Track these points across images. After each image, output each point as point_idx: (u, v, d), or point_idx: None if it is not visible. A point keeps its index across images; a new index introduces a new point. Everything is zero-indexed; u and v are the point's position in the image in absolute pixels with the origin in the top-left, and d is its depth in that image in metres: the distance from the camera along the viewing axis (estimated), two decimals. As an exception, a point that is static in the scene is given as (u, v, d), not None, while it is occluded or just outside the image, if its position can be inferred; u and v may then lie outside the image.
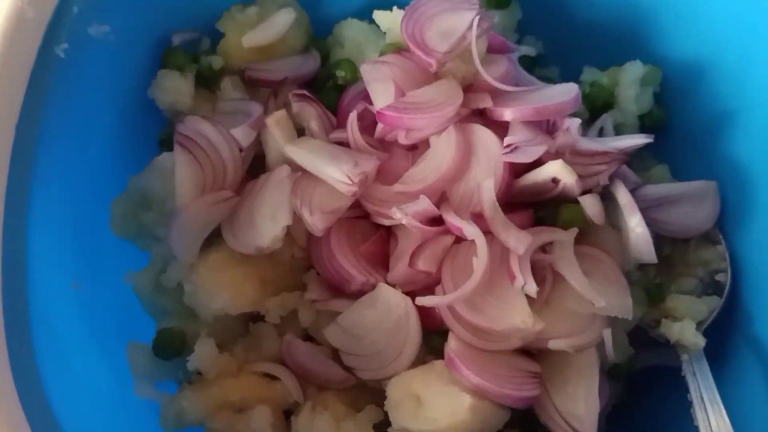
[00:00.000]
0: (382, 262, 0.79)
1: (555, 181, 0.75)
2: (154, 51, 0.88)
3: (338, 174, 0.76)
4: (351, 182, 0.75)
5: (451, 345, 0.71)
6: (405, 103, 0.77)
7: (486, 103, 0.81)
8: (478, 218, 0.75)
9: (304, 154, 0.80)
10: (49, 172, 0.70)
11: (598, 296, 0.73)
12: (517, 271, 0.73)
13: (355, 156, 0.79)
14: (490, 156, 0.77)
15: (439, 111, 0.77)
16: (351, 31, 0.95)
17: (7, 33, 0.66)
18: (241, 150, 0.81)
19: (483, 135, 0.78)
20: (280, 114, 0.83)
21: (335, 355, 0.79)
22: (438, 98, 0.79)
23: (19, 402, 0.60)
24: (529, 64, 0.95)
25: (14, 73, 0.66)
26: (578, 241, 0.77)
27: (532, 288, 0.71)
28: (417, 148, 0.81)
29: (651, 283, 0.86)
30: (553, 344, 0.72)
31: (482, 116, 0.81)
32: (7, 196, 0.64)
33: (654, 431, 0.86)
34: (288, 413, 0.79)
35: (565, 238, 0.76)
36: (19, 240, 0.65)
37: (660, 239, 0.86)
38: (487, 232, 0.74)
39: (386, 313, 0.75)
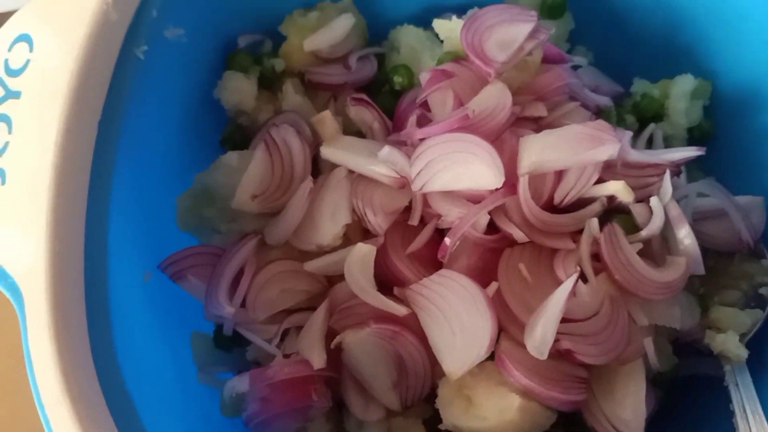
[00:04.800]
0: (434, 264, 0.81)
1: (612, 198, 0.77)
2: (221, 53, 0.92)
3: (381, 167, 0.79)
4: (397, 174, 0.77)
5: (503, 346, 0.73)
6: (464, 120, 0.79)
7: (541, 111, 0.83)
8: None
9: (338, 152, 0.83)
10: (126, 168, 0.74)
11: (642, 316, 0.76)
12: (560, 272, 0.76)
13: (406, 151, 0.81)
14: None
15: (494, 119, 0.79)
16: (407, 36, 0.97)
17: (93, 34, 0.69)
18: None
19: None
20: (325, 114, 0.85)
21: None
22: (489, 106, 0.80)
23: (99, 385, 0.64)
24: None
25: (99, 73, 0.70)
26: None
27: (582, 288, 0.73)
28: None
29: (695, 295, 0.87)
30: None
31: (536, 124, 0.84)
32: (90, 190, 0.68)
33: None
34: (340, 407, 0.82)
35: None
36: (100, 231, 0.69)
37: (705, 252, 0.87)
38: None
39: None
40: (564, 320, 0.73)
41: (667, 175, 0.80)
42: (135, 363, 0.71)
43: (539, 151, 0.77)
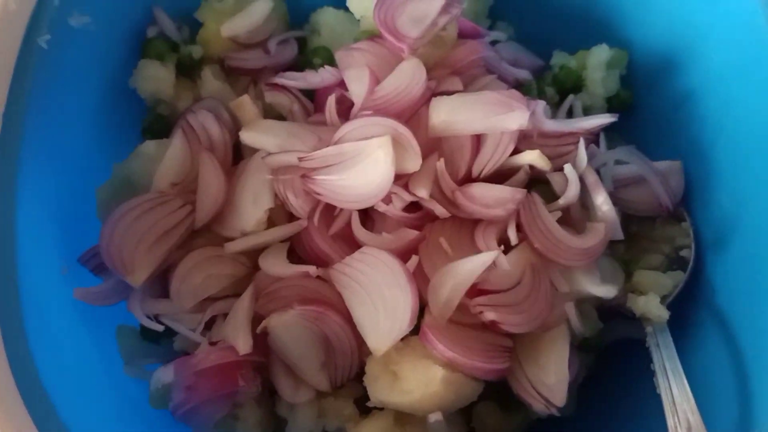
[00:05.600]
0: (356, 243, 0.81)
1: (531, 168, 0.78)
2: (135, 41, 0.90)
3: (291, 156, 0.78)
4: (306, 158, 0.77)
5: (426, 319, 0.74)
6: (376, 99, 0.79)
7: (456, 86, 0.84)
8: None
9: (258, 136, 0.82)
10: (34, 160, 0.72)
11: (563, 283, 0.77)
12: (481, 243, 0.76)
13: (318, 131, 0.82)
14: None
15: (408, 95, 0.79)
16: (327, 18, 0.97)
17: (-10, 25, 0.68)
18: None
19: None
20: (243, 98, 0.85)
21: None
22: (404, 82, 0.80)
23: (15, 385, 0.63)
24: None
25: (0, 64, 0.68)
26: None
27: (502, 260, 0.74)
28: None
29: (619, 260, 0.89)
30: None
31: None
32: (-6, 184, 0.66)
33: (620, 400, 0.89)
34: (271, 391, 0.81)
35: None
36: (7, 227, 0.67)
37: (627, 217, 0.89)
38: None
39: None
40: (487, 291, 0.74)
41: (581, 143, 0.81)
42: (55, 359, 0.70)
43: (449, 111, 0.77)
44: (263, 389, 0.79)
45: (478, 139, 0.79)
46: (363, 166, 0.75)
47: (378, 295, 0.73)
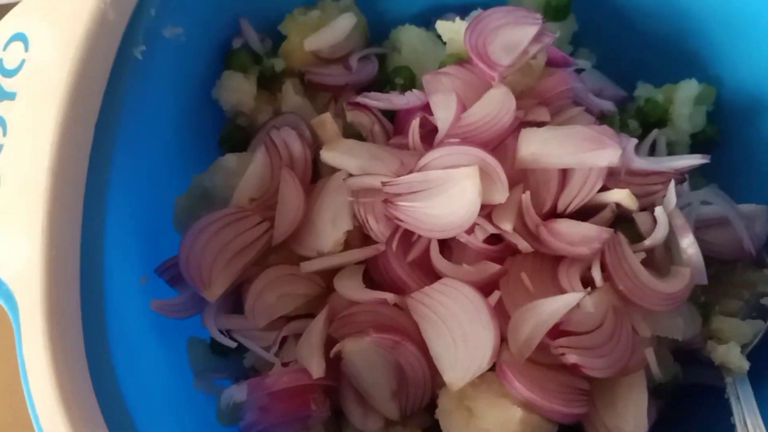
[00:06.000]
0: (436, 272, 0.79)
1: (617, 206, 0.77)
2: (220, 52, 0.90)
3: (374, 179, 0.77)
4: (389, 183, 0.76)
5: (504, 356, 0.72)
6: (463, 128, 0.78)
7: (544, 116, 0.82)
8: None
9: (339, 156, 0.81)
10: (123, 170, 0.73)
11: (645, 327, 0.75)
12: (565, 282, 0.75)
13: (400, 155, 0.81)
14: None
15: (497, 124, 0.78)
16: (408, 37, 0.96)
17: (90, 33, 0.67)
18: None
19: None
20: (325, 116, 0.84)
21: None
22: (491, 110, 0.79)
23: (94, 393, 0.63)
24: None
25: (96, 73, 0.68)
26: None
27: (587, 302, 0.72)
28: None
29: (696, 303, 0.87)
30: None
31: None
32: (86, 192, 0.66)
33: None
34: (338, 412, 0.81)
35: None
36: (97, 235, 0.68)
37: (707, 260, 0.87)
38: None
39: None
40: (568, 333, 0.72)
41: (672, 184, 0.79)
42: (131, 370, 0.70)
43: (539, 145, 0.76)
44: (331, 414, 0.78)
45: (564, 174, 0.77)
46: (448, 196, 0.74)
47: (458, 329, 0.72)
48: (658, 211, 0.77)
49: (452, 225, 0.74)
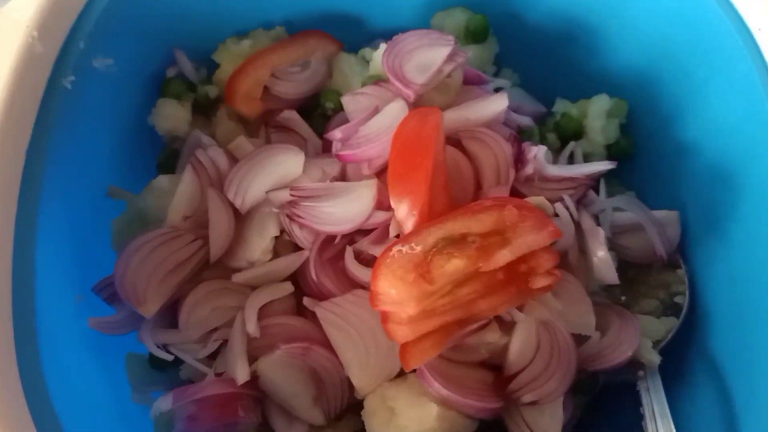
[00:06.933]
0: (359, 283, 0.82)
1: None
2: (155, 81, 0.95)
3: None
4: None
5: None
6: (358, 138, 0.83)
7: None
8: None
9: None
10: (55, 193, 0.76)
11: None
12: None
13: (322, 164, 0.85)
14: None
15: (389, 134, 0.81)
16: (340, 62, 1.01)
17: (18, 67, 0.72)
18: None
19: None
20: (240, 140, 0.89)
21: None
22: (386, 122, 0.83)
23: (28, 410, 0.65)
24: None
25: (25, 103, 0.73)
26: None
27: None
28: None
29: (618, 303, 0.91)
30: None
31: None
32: (17, 215, 0.70)
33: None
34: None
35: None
36: (28, 255, 0.70)
37: (625, 263, 0.91)
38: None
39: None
40: (513, 376, 0.76)
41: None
42: (66, 385, 0.73)
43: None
44: (263, 420, 0.81)
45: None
46: (347, 199, 0.80)
47: (371, 338, 0.77)
48: (560, 207, 0.82)
49: (343, 221, 0.79)
